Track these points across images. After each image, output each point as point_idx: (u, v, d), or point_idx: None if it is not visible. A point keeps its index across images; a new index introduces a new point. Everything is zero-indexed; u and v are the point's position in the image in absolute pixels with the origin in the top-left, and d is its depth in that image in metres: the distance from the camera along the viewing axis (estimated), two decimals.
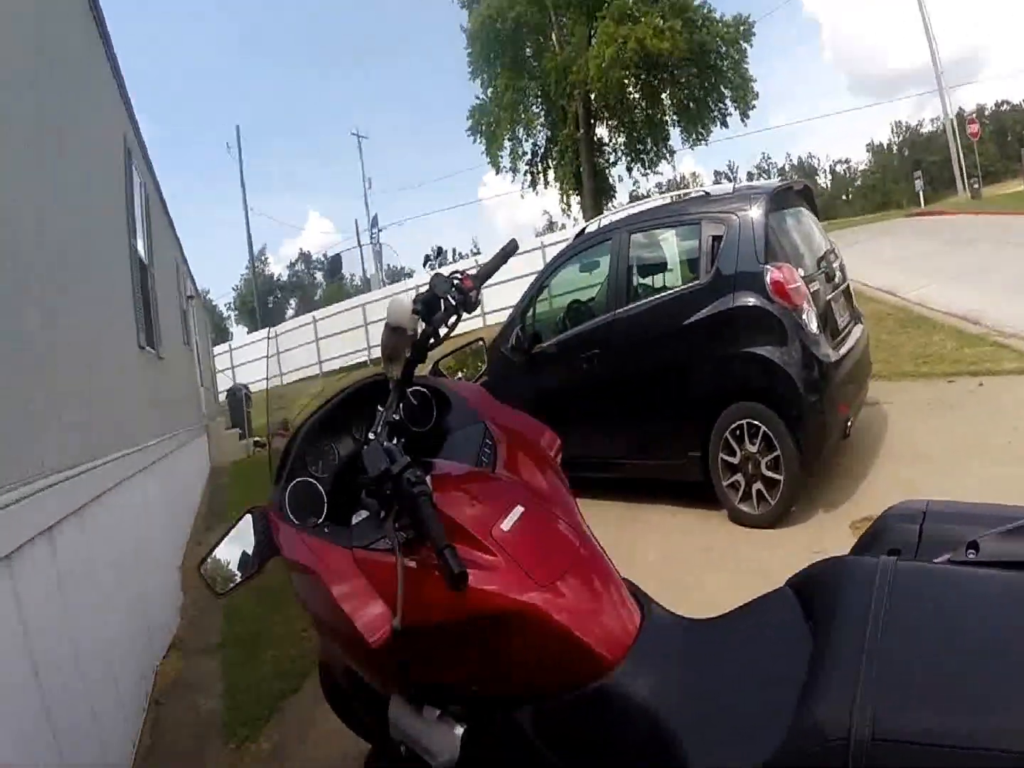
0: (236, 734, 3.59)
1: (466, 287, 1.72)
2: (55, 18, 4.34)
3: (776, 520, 4.54)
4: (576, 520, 1.60)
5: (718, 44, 30.93)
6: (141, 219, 7.20)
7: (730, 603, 1.46)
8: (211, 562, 1.82)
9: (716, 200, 5.23)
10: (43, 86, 3.80)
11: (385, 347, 1.69)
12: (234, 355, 31.35)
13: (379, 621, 1.39)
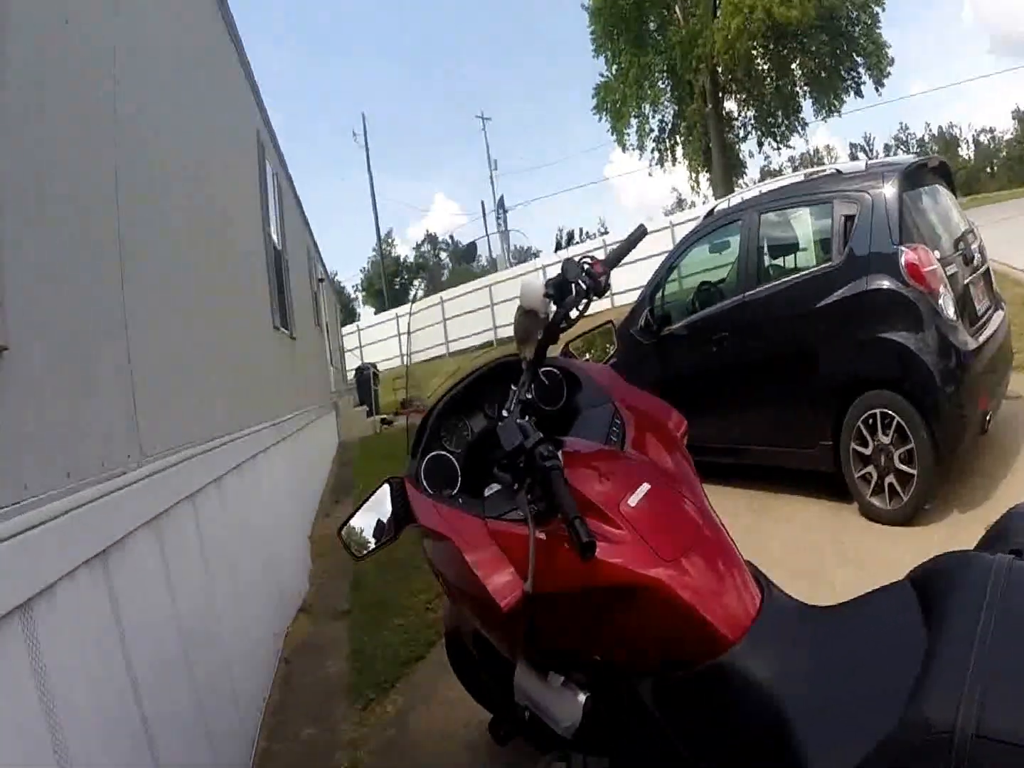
0: (362, 696, 3.74)
1: (596, 272, 1.77)
2: (197, 29, 4.65)
3: (908, 517, 4.34)
4: (701, 500, 1.63)
5: (848, 9, 29.26)
6: (274, 207, 7.53)
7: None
8: (349, 528, 1.94)
9: (848, 178, 4.99)
10: (190, 91, 4.07)
11: (518, 329, 1.76)
12: (361, 335, 32.26)
13: (510, 587, 1.46)
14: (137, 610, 2.23)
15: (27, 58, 1.91)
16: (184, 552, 2.87)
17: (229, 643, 3.23)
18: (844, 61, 30.52)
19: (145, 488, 2.45)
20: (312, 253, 13.29)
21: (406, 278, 70.50)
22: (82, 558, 1.89)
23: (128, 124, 2.72)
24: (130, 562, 2.25)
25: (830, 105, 31.42)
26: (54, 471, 1.84)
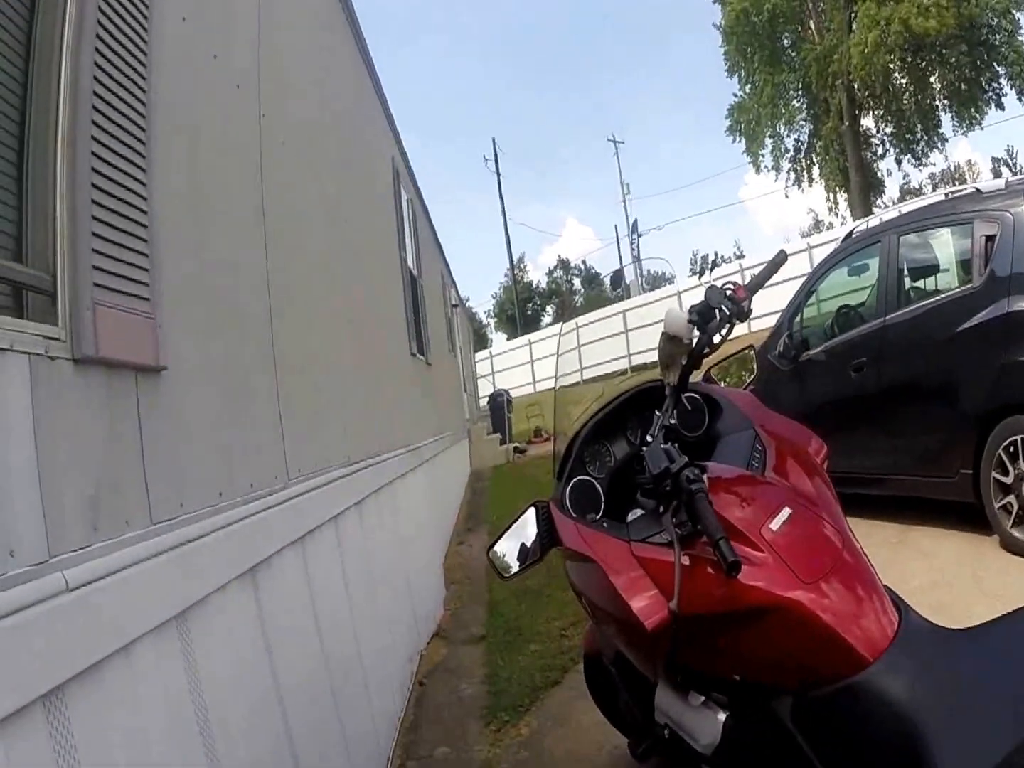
0: (496, 717, 3.75)
1: (739, 297, 1.83)
2: (336, 59, 4.88)
3: None
4: (841, 524, 1.63)
5: (988, 16, 27.81)
6: (409, 233, 7.81)
7: None
8: (496, 550, 1.97)
9: (988, 197, 4.79)
10: (330, 121, 4.27)
11: (662, 355, 1.82)
12: (493, 361, 32.75)
13: (655, 608, 1.48)
14: (282, 626, 2.33)
15: (180, 94, 2.04)
16: (326, 572, 2.98)
17: (366, 662, 3.31)
18: (984, 72, 29.06)
19: (291, 509, 2.56)
20: (446, 279, 13.63)
21: (538, 304, 71.21)
22: (233, 574, 1.99)
23: (272, 158, 2.87)
24: (276, 579, 2.35)
25: (971, 119, 29.91)
26: (208, 490, 1.94)
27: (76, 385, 1.40)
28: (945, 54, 28.77)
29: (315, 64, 4.11)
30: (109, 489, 1.46)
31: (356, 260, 4.64)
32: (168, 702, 1.57)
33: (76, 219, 1.42)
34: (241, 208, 2.57)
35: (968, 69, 28.98)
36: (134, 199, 1.65)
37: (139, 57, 1.72)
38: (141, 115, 1.72)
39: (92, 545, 1.36)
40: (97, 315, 1.44)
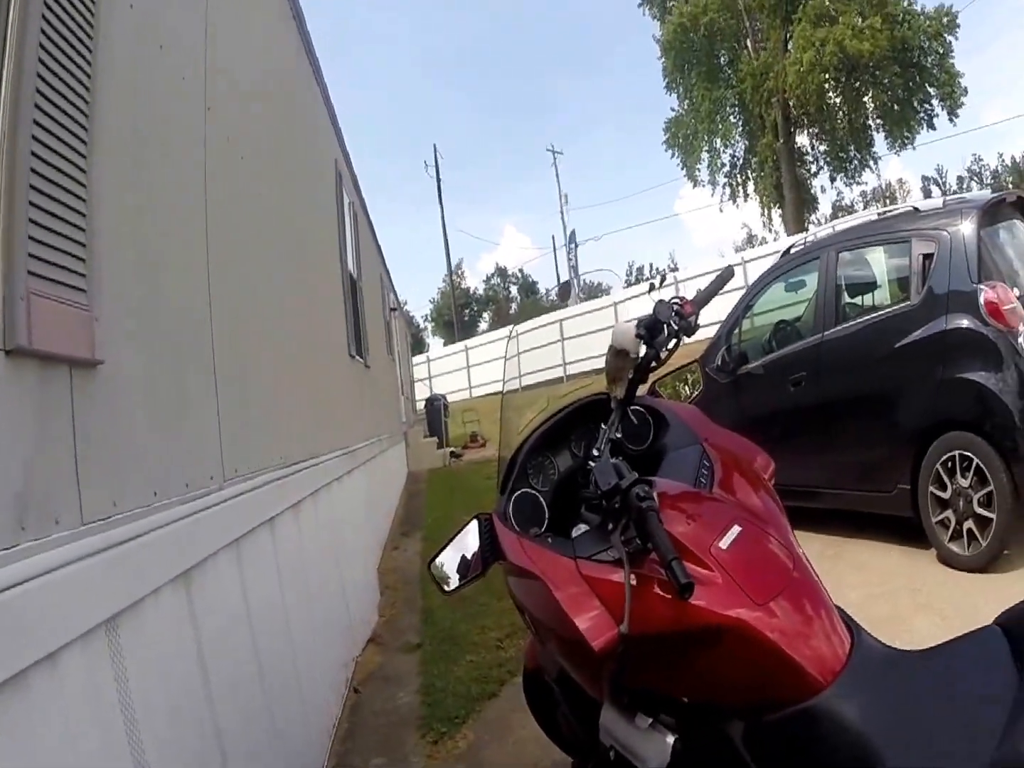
0: (433, 729, 3.71)
1: (686, 312, 1.84)
2: (279, 54, 4.80)
3: (987, 563, 4.26)
4: (790, 542, 1.61)
5: (920, 39, 29.01)
6: (350, 237, 7.73)
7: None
8: (439, 561, 1.93)
9: (925, 216, 4.98)
10: (274, 116, 4.20)
11: (609, 369, 1.81)
12: (431, 366, 32.65)
13: (602, 627, 1.43)
14: (216, 631, 2.27)
15: (123, 80, 1.98)
16: (261, 575, 2.92)
17: (301, 668, 3.25)
18: (917, 93, 30.27)
19: (227, 510, 2.49)
20: (385, 282, 13.54)
21: (475, 310, 71.31)
22: (167, 577, 1.93)
23: (216, 154, 2.81)
24: (211, 583, 2.29)
25: (903, 138, 31.17)
26: (143, 489, 1.88)
27: (6, 377, 1.33)
28: (878, 75, 29.90)
29: (262, 61, 4.05)
30: (38, 486, 1.40)
31: (298, 261, 4.57)
32: (96, 710, 1.51)
33: (12, 205, 1.36)
34: (184, 202, 2.50)
35: (901, 90, 30.12)
36: (74, 187, 1.59)
37: (84, 42, 1.66)
38: (84, 100, 1.65)
39: (19, 545, 1.29)
40: (31, 305, 1.37)
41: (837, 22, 28.40)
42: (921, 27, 28.83)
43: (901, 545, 4.84)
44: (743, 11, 31.25)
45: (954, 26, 28.78)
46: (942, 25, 28.71)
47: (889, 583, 4.42)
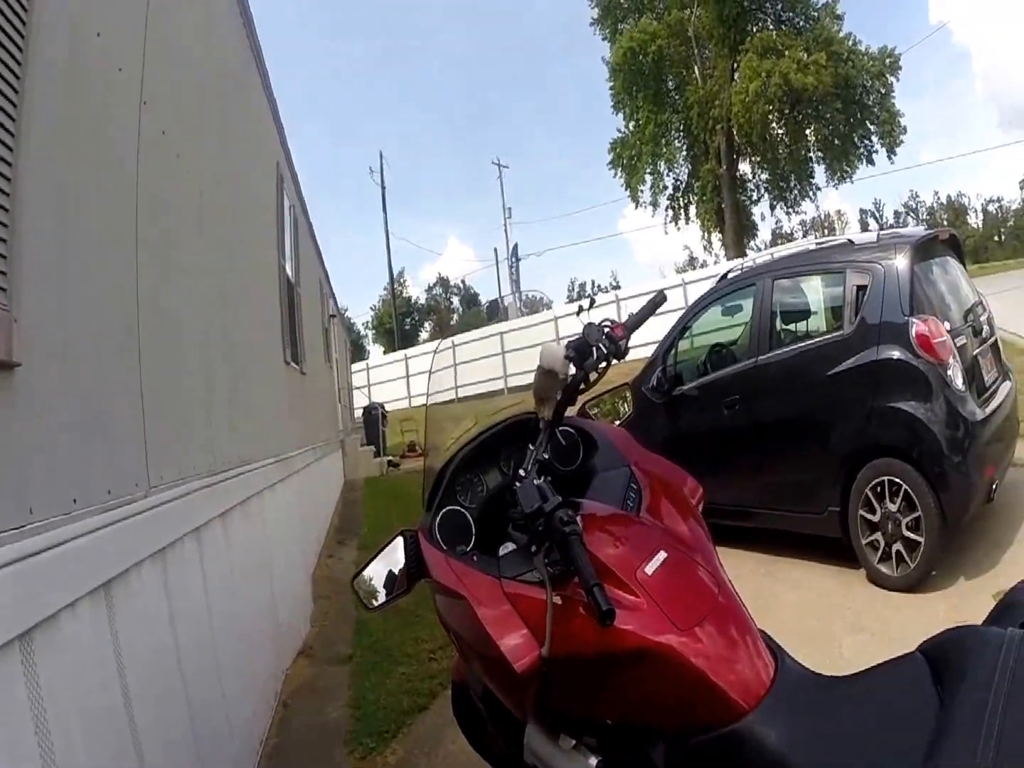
0: (362, 744, 3.67)
1: (616, 336, 1.84)
2: (225, 50, 4.70)
3: (915, 584, 4.38)
4: (716, 568, 1.62)
5: (863, 78, 30.37)
6: (290, 240, 7.60)
7: (866, 664, 1.45)
8: (361, 579, 1.89)
9: (861, 248, 5.12)
10: (215, 111, 4.12)
11: (538, 389, 1.79)
12: (370, 374, 32.35)
13: (525, 648, 1.44)
14: (138, 644, 2.18)
15: (52, 73, 1.91)
16: (187, 587, 2.82)
17: (228, 682, 3.16)
18: (857, 129, 31.53)
19: (152, 519, 2.42)
20: (324, 288, 13.36)
21: (416, 319, 71.12)
22: (86, 588, 1.86)
23: (151, 148, 2.74)
24: (133, 595, 2.21)
25: (843, 172, 32.30)
26: (62, 496, 1.81)
27: None
28: (821, 109, 31.05)
29: (204, 55, 3.95)
30: None
31: (234, 263, 4.47)
32: (8, 731, 1.43)
33: None
34: (115, 200, 2.42)
35: (842, 125, 31.34)
36: None
37: (17, 25, 1.60)
38: (14, 90, 1.60)
39: None
40: None
41: (783, 55, 29.39)
42: (864, 66, 30.17)
43: (832, 565, 4.94)
44: (692, 39, 32.15)
45: (896, 68, 30.21)
46: (885, 66, 30.10)
47: (821, 601, 4.52)
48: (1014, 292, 14.96)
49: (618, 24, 33.91)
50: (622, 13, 34.13)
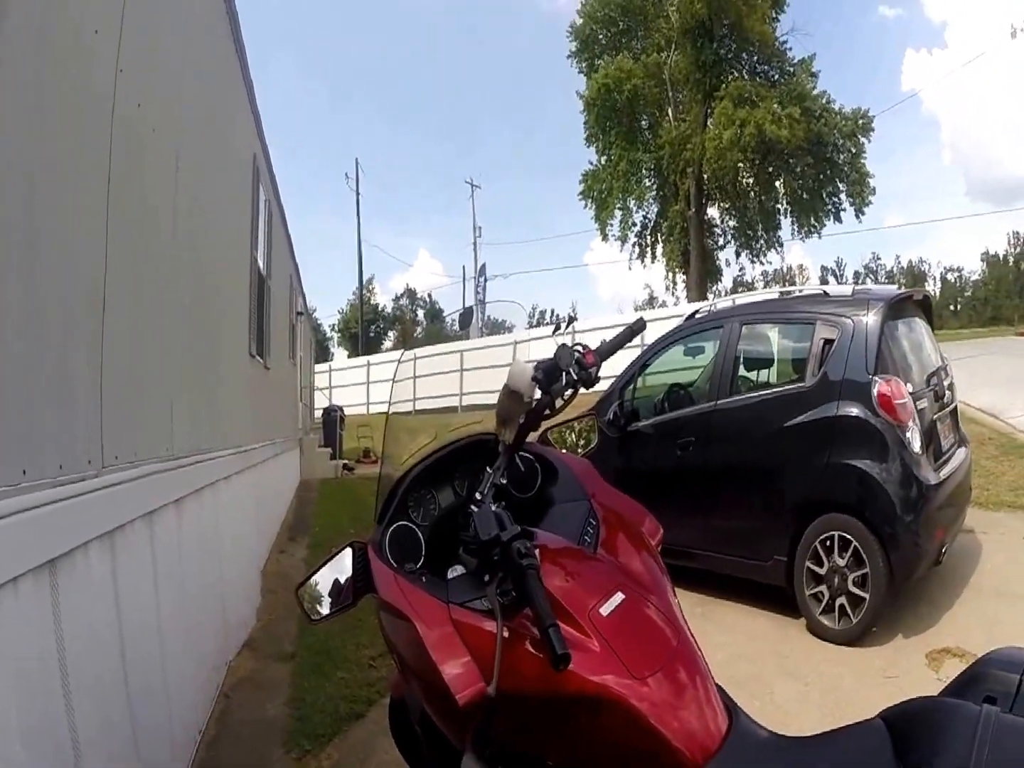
0: (299, 745, 3.64)
1: (587, 363, 1.76)
2: (204, 37, 4.67)
3: (855, 638, 4.39)
4: (673, 613, 1.57)
5: (836, 136, 30.72)
6: (263, 233, 7.55)
7: (799, 714, 1.47)
8: (306, 587, 1.83)
9: (833, 302, 5.15)
10: (193, 93, 4.09)
11: (501, 410, 1.72)
12: (333, 376, 32.11)
13: (468, 679, 1.37)
14: (81, 624, 2.13)
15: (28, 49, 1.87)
16: (136, 571, 2.76)
17: (170, 669, 3.10)
18: (827, 185, 31.83)
19: (103, 499, 2.37)
20: (294, 285, 13.27)
21: (382, 327, 70.87)
22: (30, 564, 1.81)
23: (125, 120, 2.70)
24: (79, 574, 2.16)
25: (810, 227, 32.66)
26: (10, 467, 1.76)
27: None
28: (792, 163, 31.31)
29: (185, 38, 3.91)
30: None
31: (206, 248, 4.42)
32: None
33: None
34: (85, 171, 2.38)
35: (812, 181, 31.66)
36: None
37: None
38: None
39: None
40: None
41: (757, 106, 29.60)
42: (837, 125, 30.52)
43: (770, 611, 4.95)
44: (667, 81, 32.34)
45: (868, 129, 30.56)
46: (857, 126, 30.43)
47: (755, 646, 4.52)
48: (967, 361, 15.26)
49: (595, 59, 33.96)
50: (600, 49, 34.22)
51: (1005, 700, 1.23)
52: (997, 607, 4.56)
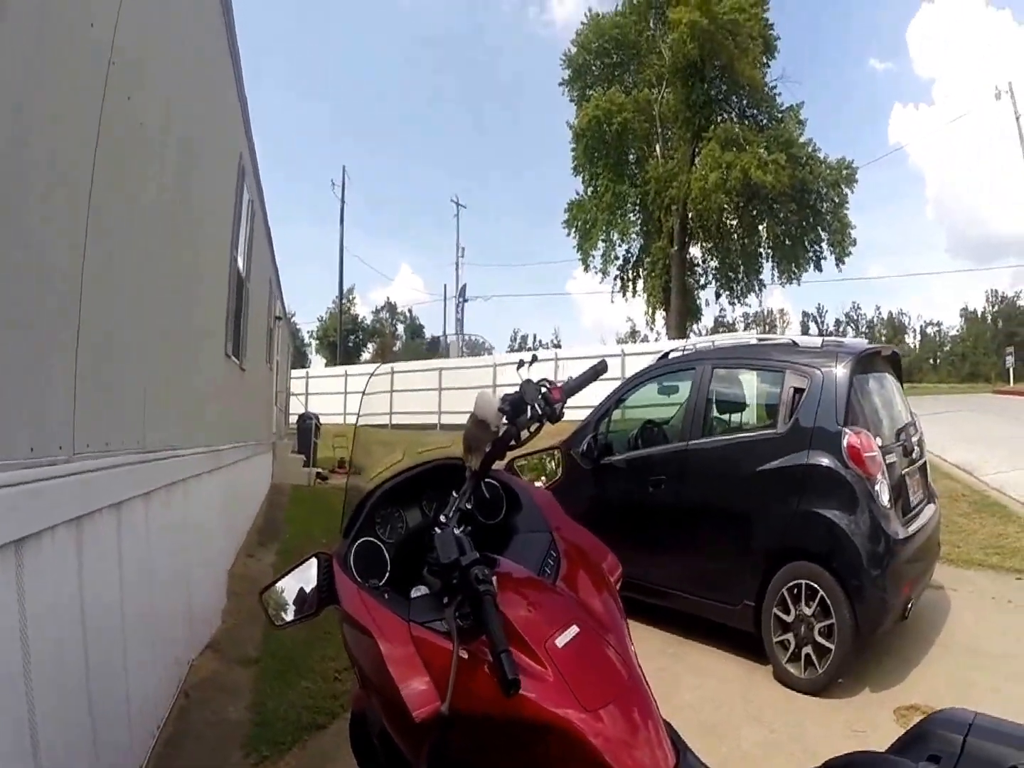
0: (257, 750, 3.62)
1: (553, 398, 1.82)
2: (200, 35, 4.70)
3: (821, 688, 4.35)
4: (627, 650, 1.58)
5: (820, 185, 31.04)
6: (245, 234, 7.54)
7: (765, 760, 1.45)
8: (271, 592, 1.85)
9: (803, 352, 5.16)
10: (181, 83, 4.09)
11: (467, 437, 1.77)
12: (309, 383, 32.00)
13: (425, 697, 1.40)
14: (44, 608, 2.13)
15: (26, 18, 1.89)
16: (101, 558, 2.75)
17: (133, 660, 3.08)
18: (809, 233, 32.14)
19: (73, 484, 2.37)
20: (274, 289, 13.24)
21: (361, 338, 70.78)
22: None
23: (114, 109, 2.71)
24: (45, 558, 2.16)
25: (791, 272, 32.86)
26: None
27: None
28: (776, 208, 31.60)
29: (181, 40, 3.93)
30: None
31: (187, 243, 4.44)
32: None
33: None
34: (71, 161, 2.40)
35: (794, 227, 32.07)
36: None
37: None
38: None
39: None
40: None
41: (744, 149, 29.91)
42: (822, 174, 30.93)
43: (740, 656, 4.92)
44: (657, 118, 32.59)
45: (852, 180, 30.94)
46: (841, 176, 30.84)
47: (724, 689, 4.50)
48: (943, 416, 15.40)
49: (587, 89, 34.21)
50: (592, 79, 34.51)
51: (949, 760, 1.25)
52: (964, 667, 4.59)
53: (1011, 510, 8.13)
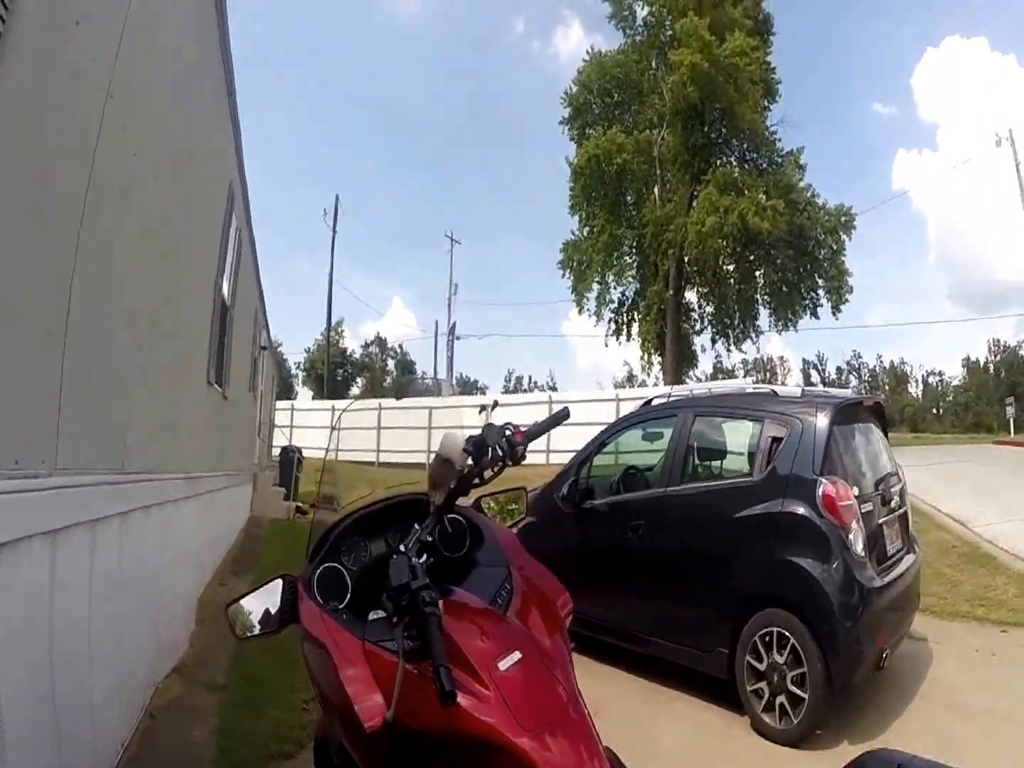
0: None
1: (515, 441, 1.94)
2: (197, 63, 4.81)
3: (798, 739, 4.27)
4: (570, 682, 1.67)
5: (818, 231, 30.96)
6: (231, 262, 7.62)
7: None
8: (237, 607, 1.95)
9: (783, 401, 5.24)
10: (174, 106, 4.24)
11: (433, 474, 1.89)
12: (295, 415, 31.76)
13: (376, 709, 1.50)
14: (13, 617, 2.19)
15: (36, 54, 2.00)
16: (74, 573, 2.82)
17: (98, 679, 3.11)
18: (806, 280, 32.06)
19: (52, 498, 2.45)
20: (259, 318, 13.32)
21: (349, 372, 70.38)
22: None
23: (108, 140, 2.82)
24: (17, 568, 2.22)
25: (787, 320, 32.71)
26: None
27: None
28: (773, 254, 31.46)
29: (177, 77, 4.06)
30: None
31: (172, 271, 4.55)
32: None
33: None
34: (66, 187, 2.50)
35: (791, 274, 31.92)
36: None
37: None
38: None
39: None
40: None
41: (743, 194, 29.87)
42: (820, 220, 30.94)
43: (717, 705, 4.82)
44: (656, 160, 32.52)
45: (851, 227, 30.99)
46: (840, 223, 30.86)
47: (700, 739, 4.45)
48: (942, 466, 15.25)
49: (587, 128, 34.27)
50: (592, 118, 34.59)
51: None
52: (944, 719, 4.52)
53: (1001, 561, 8.07)
